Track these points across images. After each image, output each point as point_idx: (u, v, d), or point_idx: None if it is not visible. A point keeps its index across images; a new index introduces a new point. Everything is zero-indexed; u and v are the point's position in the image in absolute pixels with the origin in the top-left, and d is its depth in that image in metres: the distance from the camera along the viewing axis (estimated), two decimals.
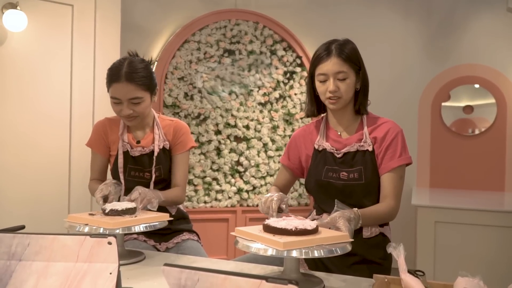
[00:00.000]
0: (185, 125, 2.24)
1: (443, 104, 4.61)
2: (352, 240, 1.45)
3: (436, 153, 4.62)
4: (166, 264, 0.94)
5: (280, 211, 1.67)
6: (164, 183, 2.17)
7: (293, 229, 1.39)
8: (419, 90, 4.68)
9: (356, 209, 1.61)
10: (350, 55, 1.81)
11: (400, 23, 4.73)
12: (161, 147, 2.14)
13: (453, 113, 4.59)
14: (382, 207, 1.77)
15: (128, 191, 2.05)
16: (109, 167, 2.23)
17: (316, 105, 1.96)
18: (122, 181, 2.10)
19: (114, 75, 2.00)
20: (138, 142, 2.14)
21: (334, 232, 1.46)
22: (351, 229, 1.49)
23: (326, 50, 1.82)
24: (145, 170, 2.12)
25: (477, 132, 4.52)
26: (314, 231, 1.42)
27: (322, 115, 2.02)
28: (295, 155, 2.03)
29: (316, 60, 1.85)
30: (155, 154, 2.12)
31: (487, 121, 4.49)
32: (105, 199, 1.88)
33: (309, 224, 1.42)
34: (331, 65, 1.80)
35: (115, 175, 2.13)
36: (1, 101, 3.10)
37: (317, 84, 1.87)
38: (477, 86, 4.53)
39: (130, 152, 2.11)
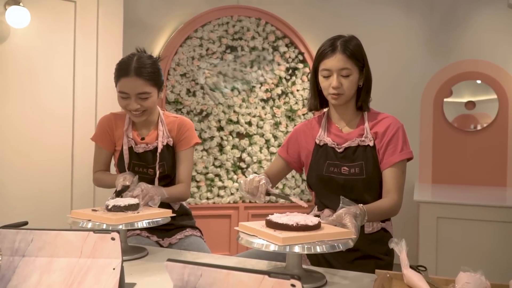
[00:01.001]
0: (189, 121, 2.25)
1: (445, 100, 4.60)
2: (355, 236, 1.43)
3: (438, 149, 4.62)
4: (169, 260, 0.95)
5: (268, 194, 1.69)
6: (168, 179, 2.18)
7: (294, 225, 1.39)
8: (421, 86, 4.67)
9: (361, 205, 1.59)
10: (355, 52, 1.82)
11: (402, 18, 4.73)
12: (164, 143, 2.15)
13: (455, 108, 4.59)
14: (386, 202, 1.77)
15: None
16: (113, 161, 2.23)
17: (319, 99, 1.96)
18: None
19: (123, 69, 2.01)
20: (143, 139, 2.15)
21: (337, 228, 1.46)
22: (357, 226, 1.47)
23: (331, 46, 1.83)
24: (149, 166, 2.13)
25: (479, 127, 4.51)
26: (316, 227, 1.42)
27: (324, 110, 2.03)
28: (295, 150, 2.03)
29: (321, 55, 1.85)
30: (159, 150, 2.13)
31: (489, 117, 4.49)
32: (124, 189, 1.89)
33: (310, 220, 1.42)
34: (335, 61, 1.80)
35: (121, 171, 2.14)
36: (4, 97, 3.11)
37: (321, 79, 1.87)
38: (479, 81, 4.53)
39: (134, 148, 2.12)
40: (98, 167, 2.23)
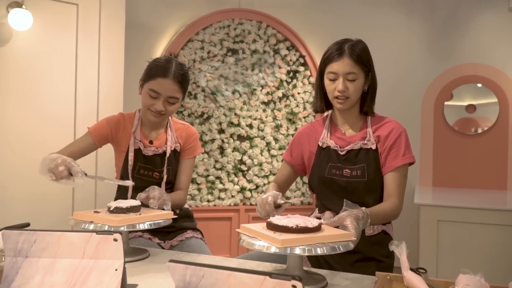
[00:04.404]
0: (196, 131, 2.30)
1: (445, 103, 4.61)
2: (355, 239, 1.42)
3: (439, 152, 4.62)
4: (171, 261, 0.95)
5: (278, 206, 1.63)
6: (170, 184, 2.21)
7: (293, 227, 1.40)
8: (422, 89, 4.68)
9: (364, 208, 1.58)
10: (362, 57, 1.82)
11: (403, 21, 4.74)
12: (172, 148, 2.17)
13: (456, 112, 4.60)
14: (387, 205, 1.77)
15: (134, 189, 2.07)
16: (116, 163, 2.23)
17: (324, 102, 1.97)
18: (130, 178, 2.11)
19: (162, 69, 2.02)
20: (151, 142, 2.16)
21: (337, 230, 1.46)
22: (358, 228, 1.46)
23: (338, 49, 1.83)
24: (155, 170, 2.14)
25: (479, 131, 4.52)
26: (316, 229, 1.42)
27: (327, 113, 2.03)
28: (298, 152, 2.04)
29: (328, 59, 1.85)
30: (167, 155, 2.14)
31: (489, 120, 4.50)
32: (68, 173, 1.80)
33: (310, 222, 1.42)
34: (342, 65, 1.81)
35: (124, 172, 2.14)
36: (6, 99, 3.12)
37: (326, 82, 1.88)
38: (479, 85, 4.54)
39: (143, 151, 2.13)
40: (65, 151, 2.08)
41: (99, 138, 2.15)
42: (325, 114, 2.04)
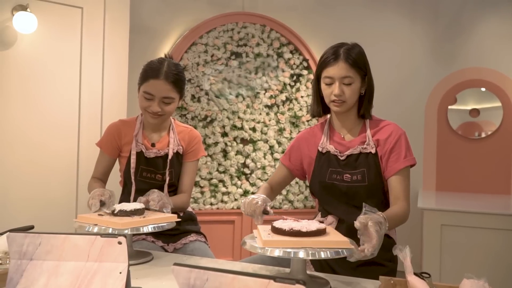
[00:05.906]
0: (199, 134, 2.31)
1: (449, 107, 4.61)
2: (352, 246, 1.41)
3: (443, 156, 4.62)
4: (175, 264, 0.95)
5: (266, 213, 1.67)
6: (173, 187, 2.21)
7: (287, 230, 1.41)
8: (426, 93, 4.68)
9: (381, 213, 1.55)
10: (357, 60, 1.83)
11: (406, 25, 4.74)
12: (175, 151, 2.18)
13: (460, 116, 4.59)
14: (398, 209, 1.76)
15: (138, 191, 2.08)
16: (120, 167, 2.25)
17: (321, 106, 1.97)
18: (133, 181, 2.12)
19: (154, 71, 2.04)
20: (153, 145, 2.17)
21: (335, 236, 1.46)
22: (381, 236, 1.44)
23: (334, 54, 1.84)
24: (158, 172, 2.15)
25: (483, 135, 4.51)
26: (311, 234, 1.42)
27: (327, 116, 2.03)
28: (297, 158, 2.04)
29: (324, 63, 1.86)
30: (169, 157, 2.15)
31: (493, 125, 4.49)
32: (101, 204, 1.84)
33: (306, 226, 1.43)
34: (338, 69, 1.81)
35: (127, 175, 2.15)
36: (11, 102, 3.13)
37: (323, 87, 1.88)
38: (483, 89, 4.53)
39: (145, 153, 2.14)
40: (95, 173, 2.25)
41: (110, 151, 2.21)
42: (324, 119, 2.05)
